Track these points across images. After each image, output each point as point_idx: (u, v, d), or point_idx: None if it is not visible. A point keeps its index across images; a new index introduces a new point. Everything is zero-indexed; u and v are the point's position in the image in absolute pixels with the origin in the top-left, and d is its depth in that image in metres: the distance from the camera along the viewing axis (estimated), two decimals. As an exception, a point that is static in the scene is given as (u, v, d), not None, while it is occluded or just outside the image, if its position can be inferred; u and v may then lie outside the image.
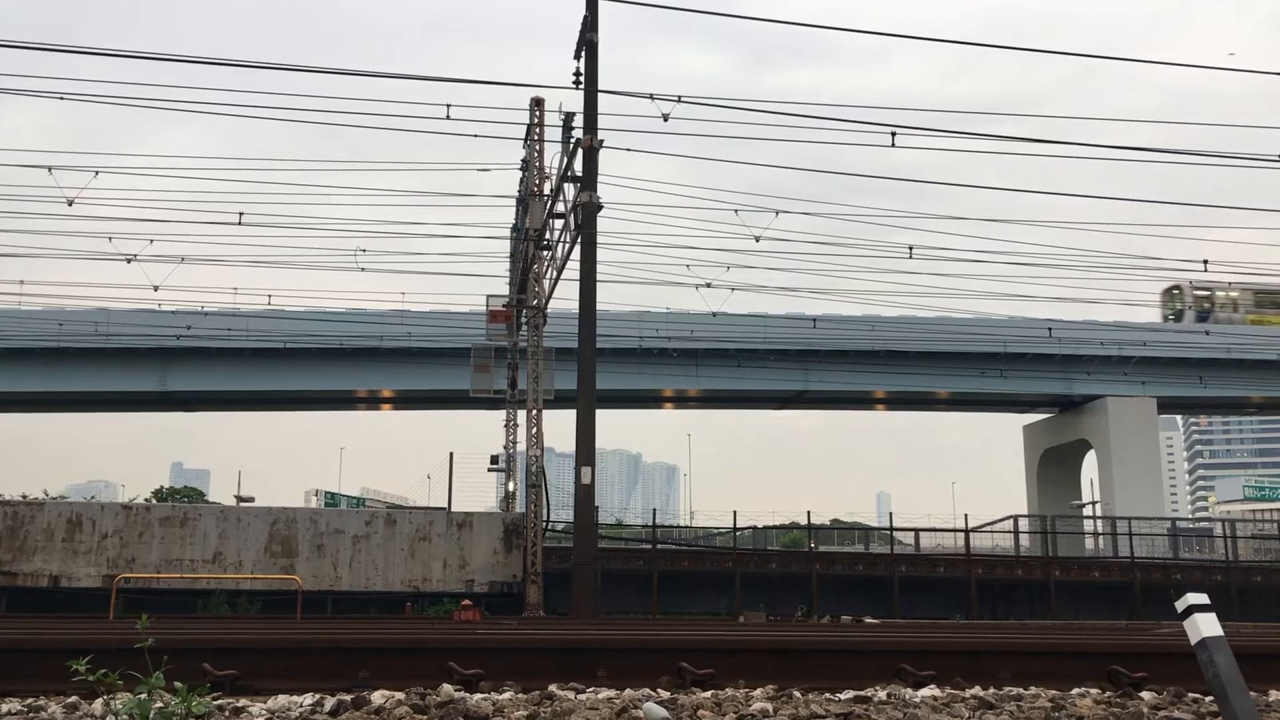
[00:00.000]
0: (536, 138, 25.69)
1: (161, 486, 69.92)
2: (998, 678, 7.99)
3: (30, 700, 6.56)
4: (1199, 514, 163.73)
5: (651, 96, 20.60)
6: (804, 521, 34.36)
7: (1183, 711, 6.99)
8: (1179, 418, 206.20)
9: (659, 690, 7.27)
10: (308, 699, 6.69)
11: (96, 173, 27.42)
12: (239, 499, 50.42)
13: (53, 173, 26.92)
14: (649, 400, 58.94)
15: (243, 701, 6.58)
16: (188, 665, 6.67)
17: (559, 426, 28.22)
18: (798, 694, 7.21)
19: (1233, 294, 57.92)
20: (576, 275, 22.41)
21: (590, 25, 22.36)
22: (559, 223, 24.03)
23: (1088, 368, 54.89)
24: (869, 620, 22.13)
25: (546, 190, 24.74)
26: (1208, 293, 57.48)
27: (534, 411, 24.75)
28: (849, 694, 7.29)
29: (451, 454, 28.75)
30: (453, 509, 26.95)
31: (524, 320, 26.80)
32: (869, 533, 47.22)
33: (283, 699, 6.71)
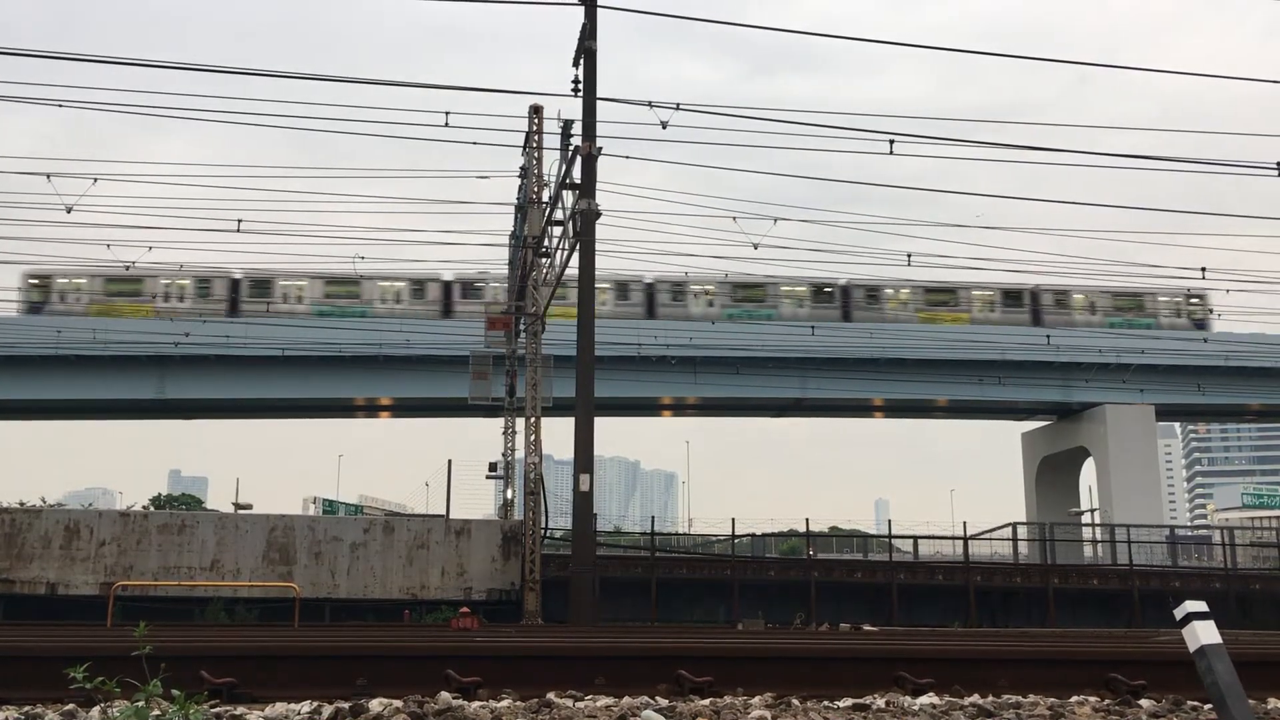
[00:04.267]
0: (535, 145, 25.72)
1: (159, 494, 69.76)
2: (996, 685, 7.99)
3: (27, 708, 6.54)
4: (1197, 521, 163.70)
5: (650, 104, 20.60)
6: (802, 529, 34.33)
7: (1181, 719, 6.99)
8: (1177, 425, 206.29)
9: (657, 698, 7.26)
10: (305, 706, 6.67)
11: (95, 180, 27.45)
12: (237, 506, 50.31)
13: (51, 180, 26.93)
14: (647, 408, 58.92)
15: (240, 709, 6.58)
16: (185, 673, 6.66)
17: (557, 434, 28.22)
18: (796, 702, 7.20)
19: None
20: (575, 282, 22.45)
21: (589, 33, 22.41)
22: (558, 230, 24.07)
23: (1086, 375, 54.91)
24: (867, 628, 22.13)
25: (545, 197, 24.78)
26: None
27: (532, 419, 24.74)
28: (847, 702, 7.29)
29: (450, 461, 28.88)
30: (451, 516, 26.96)
31: (522, 327, 26.81)
32: (867, 540, 47.07)
33: (280, 707, 6.69)
